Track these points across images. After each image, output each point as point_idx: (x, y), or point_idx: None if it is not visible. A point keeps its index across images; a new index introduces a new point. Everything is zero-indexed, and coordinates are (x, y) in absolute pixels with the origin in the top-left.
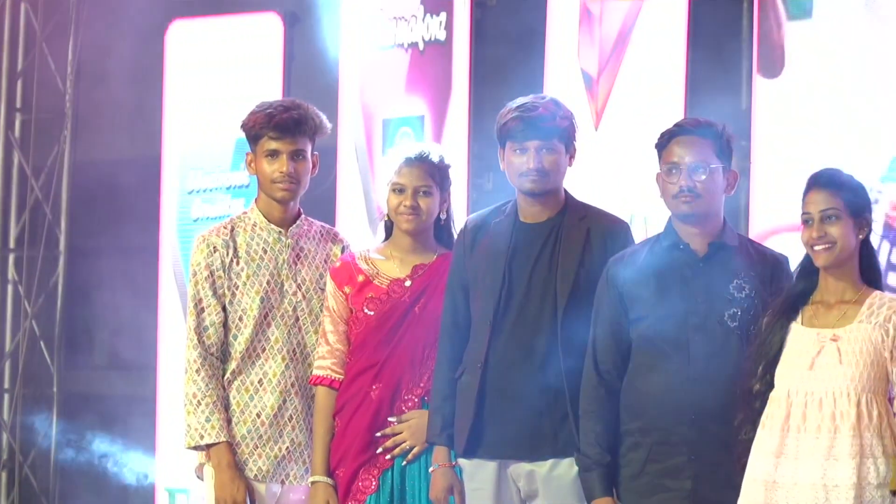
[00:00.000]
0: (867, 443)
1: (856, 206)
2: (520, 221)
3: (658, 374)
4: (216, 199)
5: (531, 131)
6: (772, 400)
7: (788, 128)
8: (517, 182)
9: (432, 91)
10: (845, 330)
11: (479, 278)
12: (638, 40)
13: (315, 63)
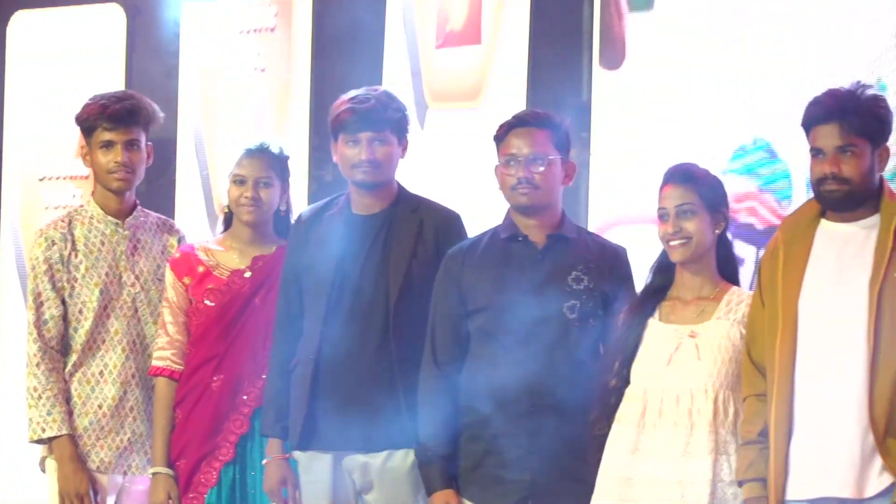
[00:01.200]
0: (722, 439)
1: (712, 200)
2: (352, 213)
3: (497, 366)
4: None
5: (363, 123)
6: (628, 396)
7: (629, 120)
8: (349, 174)
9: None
10: (703, 326)
11: (312, 271)
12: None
13: (156, 54)
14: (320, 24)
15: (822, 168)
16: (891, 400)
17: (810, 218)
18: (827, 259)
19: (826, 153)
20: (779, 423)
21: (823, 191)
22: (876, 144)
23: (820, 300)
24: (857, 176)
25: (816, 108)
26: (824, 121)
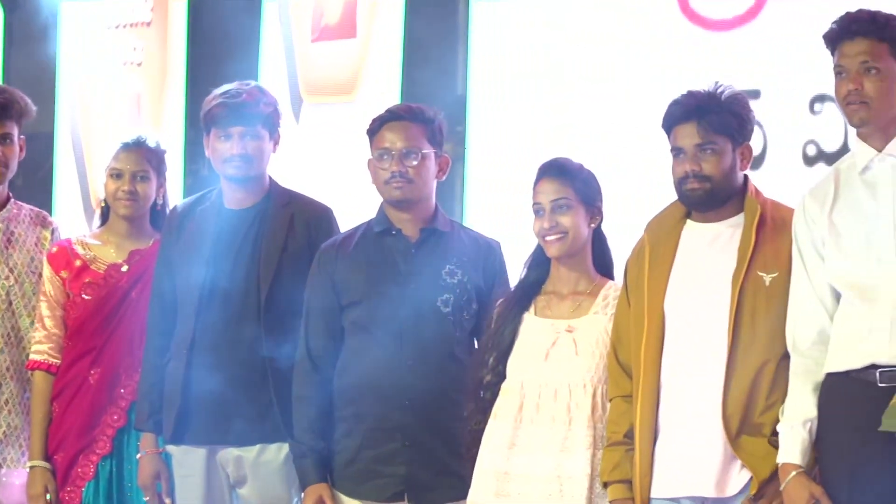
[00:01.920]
0: (600, 434)
1: (587, 195)
2: (224, 208)
3: (371, 360)
4: None
5: (234, 118)
6: (504, 391)
7: (504, 113)
8: (221, 168)
9: (149, 76)
10: (580, 321)
11: (185, 265)
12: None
13: (34, 48)
14: (196, 18)
15: (683, 167)
16: (746, 397)
17: (676, 219)
18: (692, 259)
19: (686, 152)
20: (644, 423)
21: (685, 190)
22: (737, 143)
23: (685, 300)
24: (718, 174)
25: (676, 108)
26: (684, 120)
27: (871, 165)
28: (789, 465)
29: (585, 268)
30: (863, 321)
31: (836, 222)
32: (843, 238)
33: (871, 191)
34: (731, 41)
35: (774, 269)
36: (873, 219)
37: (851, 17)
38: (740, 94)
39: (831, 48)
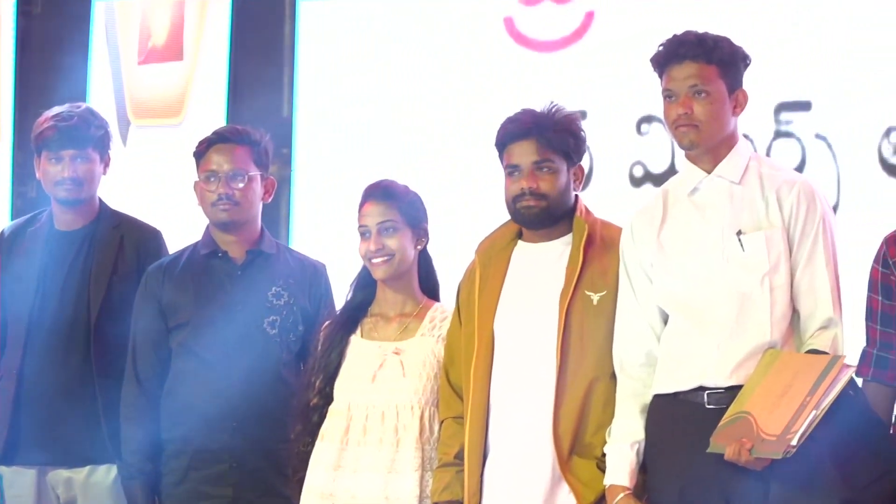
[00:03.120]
0: (428, 456)
1: (413, 217)
2: (55, 229)
3: (199, 382)
4: None
5: (66, 140)
6: (332, 413)
7: (331, 135)
8: (52, 190)
9: None
10: (408, 343)
11: (14, 286)
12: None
13: None
14: (24, 39)
15: (518, 184)
16: (577, 417)
17: (507, 239)
18: (522, 279)
19: (523, 169)
20: (473, 444)
21: (520, 207)
22: (572, 162)
23: (514, 320)
24: (554, 192)
25: (513, 126)
26: (521, 137)
27: (699, 187)
28: (617, 487)
29: (412, 290)
30: (691, 342)
31: (664, 243)
32: (671, 259)
33: (700, 212)
34: (557, 62)
35: (602, 288)
36: (702, 240)
37: (679, 39)
38: (575, 114)
39: (659, 71)
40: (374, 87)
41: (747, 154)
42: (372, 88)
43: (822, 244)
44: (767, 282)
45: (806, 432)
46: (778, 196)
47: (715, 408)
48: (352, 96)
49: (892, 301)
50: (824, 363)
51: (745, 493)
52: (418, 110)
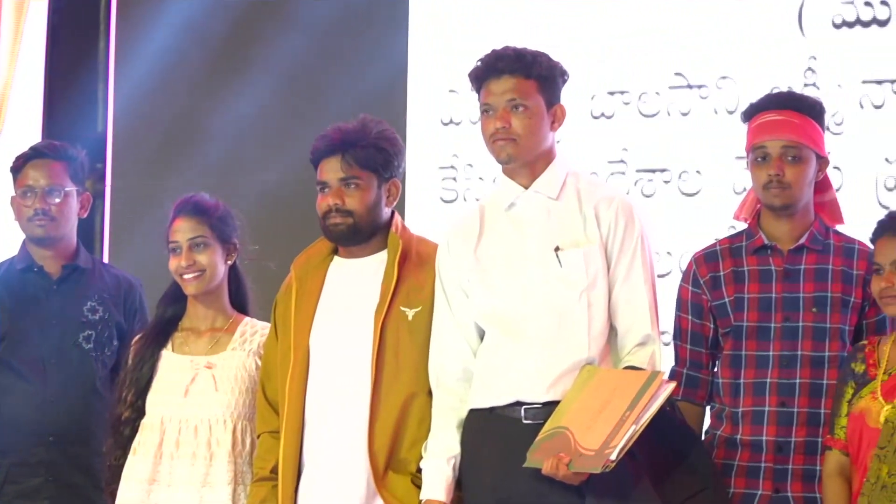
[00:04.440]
0: (240, 469)
1: (223, 232)
2: None
3: (15, 396)
4: None
5: None
6: (144, 427)
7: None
8: None
9: None
10: (219, 357)
11: None
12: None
13: None
14: None
15: (326, 201)
16: (392, 432)
17: (323, 255)
18: (337, 295)
19: (331, 186)
20: (287, 459)
21: (329, 224)
22: (383, 178)
23: (330, 335)
24: (362, 208)
25: (322, 142)
26: (329, 154)
27: (517, 202)
28: (434, 502)
29: (222, 304)
30: (508, 358)
31: (481, 258)
32: (488, 274)
33: (518, 228)
34: None
35: (417, 304)
36: (519, 256)
37: (497, 54)
38: (389, 129)
39: (477, 86)
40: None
41: (565, 170)
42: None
43: (640, 261)
44: (585, 298)
45: (625, 447)
46: (596, 212)
47: (532, 423)
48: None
49: (702, 321)
50: (643, 379)
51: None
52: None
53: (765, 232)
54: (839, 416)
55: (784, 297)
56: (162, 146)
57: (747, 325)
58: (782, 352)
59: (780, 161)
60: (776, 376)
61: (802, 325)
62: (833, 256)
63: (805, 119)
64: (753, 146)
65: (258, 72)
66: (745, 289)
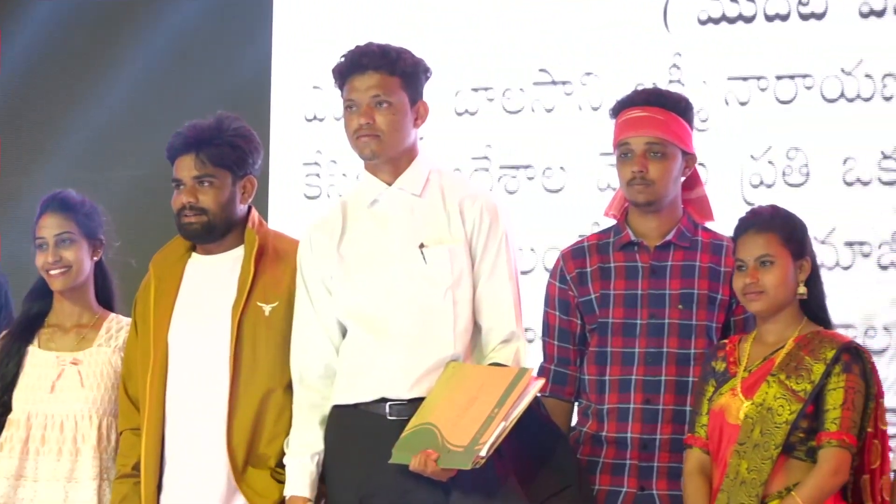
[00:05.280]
0: (105, 465)
1: (89, 228)
2: None
3: None
4: None
5: None
6: (10, 423)
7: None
8: None
9: None
10: (85, 353)
11: None
12: None
13: None
14: None
15: (180, 199)
16: (251, 428)
17: (180, 252)
18: (195, 291)
19: (185, 184)
20: (149, 456)
21: (183, 222)
22: (237, 176)
23: (188, 332)
24: (216, 206)
25: (177, 140)
26: (184, 152)
27: (380, 199)
28: (297, 498)
29: (88, 300)
30: (372, 355)
31: (344, 255)
32: (352, 272)
33: (381, 225)
34: None
35: (274, 300)
36: (383, 253)
37: (361, 50)
38: (244, 127)
39: (340, 82)
40: (54, 99)
41: (428, 166)
42: (52, 99)
43: (503, 258)
44: (450, 295)
45: (495, 443)
46: (461, 209)
47: (396, 419)
48: (32, 107)
49: (569, 317)
50: (511, 376)
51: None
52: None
53: (632, 228)
54: (700, 415)
55: (650, 294)
56: (27, 141)
57: (613, 321)
58: (648, 349)
59: (643, 158)
60: (641, 373)
61: (668, 321)
62: (701, 253)
63: (670, 115)
64: (619, 143)
65: (123, 68)
66: (611, 285)
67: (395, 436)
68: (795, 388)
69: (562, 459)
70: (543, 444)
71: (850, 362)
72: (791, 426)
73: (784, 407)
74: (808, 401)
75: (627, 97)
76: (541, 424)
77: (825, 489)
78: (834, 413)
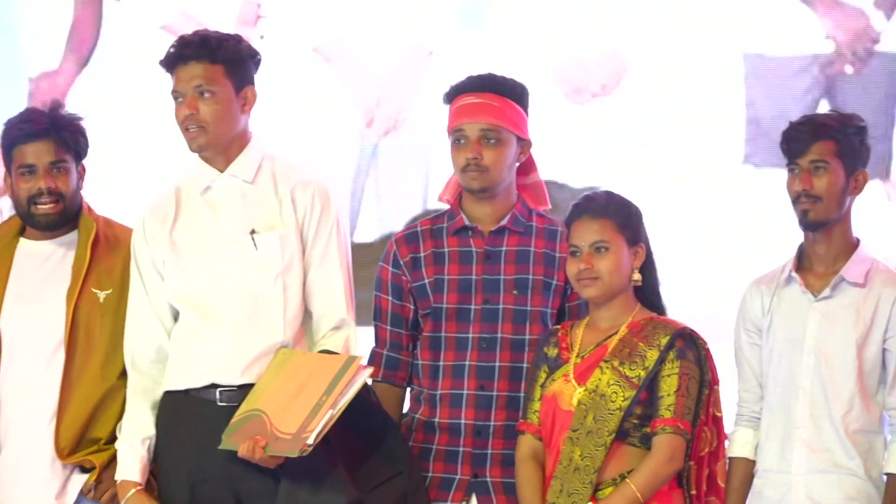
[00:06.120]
0: None
1: None
2: None
3: None
4: None
5: None
6: None
7: None
8: None
9: None
10: None
11: None
12: None
13: None
14: None
15: (29, 185)
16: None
17: (10, 237)
18: (28, 276)
19: (38, 171)
20: None
21: (37, 211)
22: (79, 161)
23: (22, 318)
24: (69, 192)
25: (26, 127)
26: (35, 139)
27: (212, 185)
28: (128, 483)
29: None
30: (203, 340)
31: (177, 241)
32: (184, 257)
33: (213, 211)
34: None
35: (108, 286)
36: (215, 239)
37: (184, 41)
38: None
39: (169, 73)
40: None
41: (260, 153)
42: None
43: (334, 245)
44: (281, 281)
45: (322, 432)
46: (292, 196)
47: (227, 405)
48: None
49: (402, 302)
50: (340, 363)
51: (256, 490)
52: None
53: (466, 213)
54: (532, 401)
55: (484, 280)
56: None
57: (447, 306)
58: (482, 334)
59: (478, 144)
60: (475, 359)
61: (503, 307)
62: (535, 239)
63: (505, 101)
64: (453, 129)
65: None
66: (444, 270)
67: (225, 422)
68: (629, 374)
69: (392, 447)
70: (373, 431)
71: (685, 348)
72: (625, 412)
73: (617, 393)
74: (641, 387)
75: (461, 83)
76: (371, 412)
77: (660, 475)
78: (668, 399)
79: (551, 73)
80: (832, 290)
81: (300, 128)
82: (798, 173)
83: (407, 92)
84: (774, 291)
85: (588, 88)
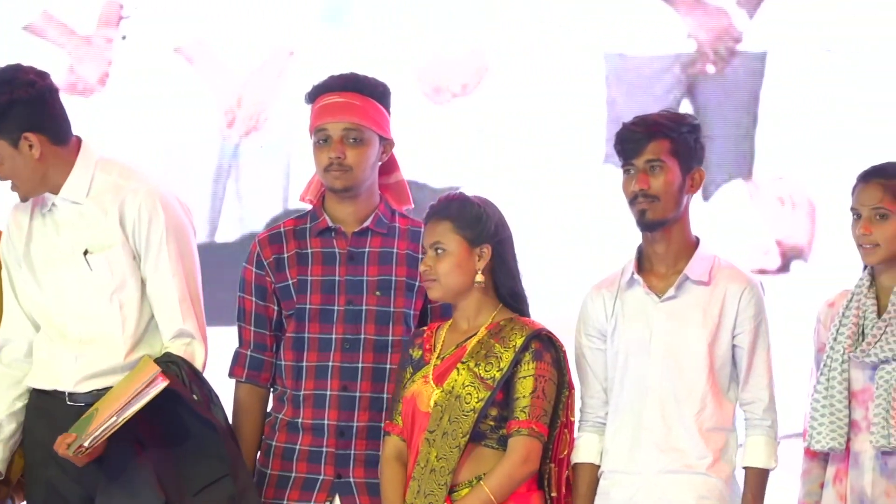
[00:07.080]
0: None
1: None
2: None
3: None
4: None
5: None
6: None
7: None
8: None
9: None
10: None
11: None
12: None
13: None
14: None
15: None
16: None
17: None
18: None
19: None
20: None
21: None
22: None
23: None
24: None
25: None
26: None
27: (57, 203)
28: None
29: None
30: (53, 351)
31: (29, 255)
32: (34, 273)
33: (56, 229)
34: None
35: None
36: (57, 258)
37: None
38: None
39: None
40: None
41: (90, 170)
42: None
43: (166, 254)
44: (116, 300)
45: (99, 437)
46: (120, 212)
47: (74, 405)
48: None
49: (266, 302)
50: (147, 374)
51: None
52: None
53: (329, 214)
54: (397, 402)
55: (348, 280)
56: None
57: (310, 307)
58: (345, 335)
59: (341, 144)
60: (339, 360)
61: (366, 308)
62: (398, 240)
63: (368, 101)
64: (315, 128)
65: None
66: (308, 271)
67: (75, 419)
68: (484, 375)
69: (217, 449)
70: (195, 435)
71: (542, 350)
72: (479, 414)
73: (472, 395)
74: (496, 388)
75: (323, 83)
76: (193, 415)
77: (514, 477)
78: (523, 401)
79: (412, 73)
80: (677, 289)
81: (162, 128)
82: (634, 174)
83: (268, 92)
84: (617, 294)
85: (448, 88)
